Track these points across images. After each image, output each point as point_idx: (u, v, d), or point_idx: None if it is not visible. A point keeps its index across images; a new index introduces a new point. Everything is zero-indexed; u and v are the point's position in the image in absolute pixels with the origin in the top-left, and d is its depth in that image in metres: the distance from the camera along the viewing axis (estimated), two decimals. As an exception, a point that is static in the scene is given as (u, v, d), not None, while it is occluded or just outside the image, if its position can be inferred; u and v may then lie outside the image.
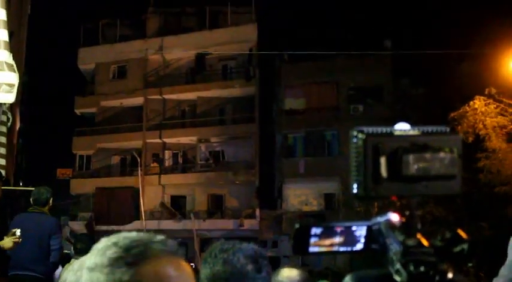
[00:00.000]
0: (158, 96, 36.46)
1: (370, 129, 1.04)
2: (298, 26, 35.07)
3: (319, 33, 32.60)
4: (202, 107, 36.10)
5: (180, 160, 36.65)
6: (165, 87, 36.04)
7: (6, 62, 5.16)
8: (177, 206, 35.27)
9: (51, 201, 6.48)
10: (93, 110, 38.22)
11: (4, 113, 8.90)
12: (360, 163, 1.03)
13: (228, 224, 33.41)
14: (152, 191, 34.95)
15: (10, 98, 5.23)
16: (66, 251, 9.10)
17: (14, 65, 5.20)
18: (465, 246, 1.04)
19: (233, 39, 34.45)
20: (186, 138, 35.47)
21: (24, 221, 6.25)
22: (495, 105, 19.97)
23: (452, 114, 20.76)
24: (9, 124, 9.42)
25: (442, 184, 1.04)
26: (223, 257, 1.83)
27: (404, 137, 1.04)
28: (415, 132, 1.05)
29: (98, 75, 38.56)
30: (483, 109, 19.94)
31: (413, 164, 1.00)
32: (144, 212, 33.02)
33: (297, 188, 32.17)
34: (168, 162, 36.78)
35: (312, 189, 31.88)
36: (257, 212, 33.14)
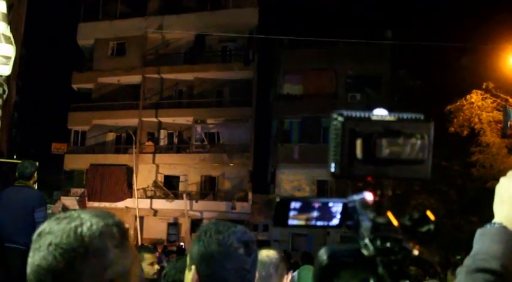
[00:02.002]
0: (156, 75, 36.38)
1: (349, 113, 1.09)
2: (299, 12, 34.96)
3: (320, 20, 32.52)
4: (200, 88, 36.04)
5: (175, 140, 36.65)
6: (163, 67, 35.94)
7: (3, 34, 5.16)
8: (170, 186, 35.33)
9: (35, 174, 6.52)
10: (90, 86, 38.13)
11: (0, 85, 8.89)
12: (337, 144, 1.08)
13: (220, 206, 33.53)
14: (146, 170, 35.01)
15: (6, 70, 5.23)
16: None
17: (12, 37, 5.19)
18: (432, 226, 1.11)
19: (234, 22, 34.30)
20: (182, 119, 35.45)
21: (9, 194, 6.32)
22: (492, 100, 20.01)
23: (448, 107, 20.80)
24: (4, 96, 9.41)
25: (413, 168, 1.10)
26: (218, 238, 1.90)
27: (380, 122, 1.09)
28: (391, 118, 1.11)
29: (97, 51, 38.41)
30: (480, 103, 19.99)
31: (385, 148, 1.06)
32: (137, 190, 33.12)
33: (291, 173, 32.26)
34: (163, 142, 36.78)
35: (305, 175, 31.95)
36: (249, 195, 33.24)
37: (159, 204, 34.40)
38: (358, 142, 1.07)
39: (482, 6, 25.25)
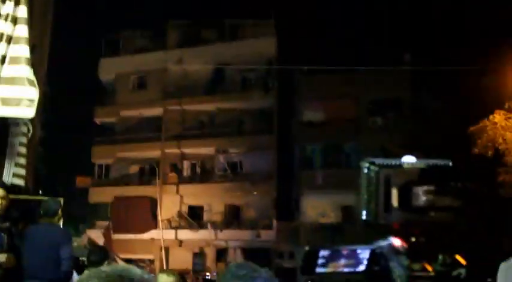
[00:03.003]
0: (177, 107, 36.67)
1: (381, 161, 1.11)
2: (317, 39, 35.10)
3: (339, 46, 32.58)
4: (221, 118, 36.20)
5: (198, 170, 36.75)
6: (184, 98, 36.23)
7: (27, 78, 5.28)
8: (194, 216, 35.34)
9: (60, 211, 6.61)
10: (113, 119, 38.59)
11: (25, 124, 9.06)
12: (371, 193, 1.10)
13: (245, 234, 33.40)
14: (170, 201, 35.10)
15: (30, 112, 5.34)
16: (82, 258, 9.21)
17: (35, 81, 5.32)
18: (463, 271, 1.10)
19: (252, 51, 34.58)
20: (204, 149, 35.60)
21: (34, 232, 6.40)
22: (515, 120, 19.79)
23: (472, 128, 20.61)
24: (29, 135, 9.58)
25: (446, 214, 1.10)
26: None
27: (413, 171, 1.10)
28: (421, 165, 1.12)
29: (118, 86, 38.95)
30: (503, 123, 19.76)
31: (422, 197, 1.06)
32: (162, 221, 33.17)
33: (315, 199, 32.05)
34: (186, 172, 36.90)
35: (329, 200, 31.75)
36: (274, 223, 33.09)
37: (184, 234, 34.39)
38: (394, 191, 1.08)
39: (503, 27, 25.13)
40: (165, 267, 31.26)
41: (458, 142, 22.37)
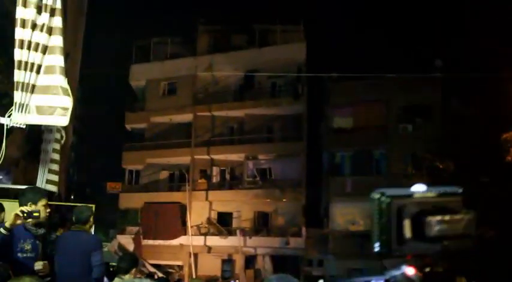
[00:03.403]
0: (207, 113, 36.81)
1: (392, 192, 1.12)
2: (347, 45, 35.02)
3: (369, 52, 32.44)
4: (250, 124, 36.24)
5: (228, 177, 36.81)
6: (213, 104, 36.37)
7: (61, 87, 5.37)
8: (223, 222, 35.38)
9: (91, 219, 6.67)
10: (143, 125, 38.89)
11: (58, 130, 9.21)
12: (383, 224, 1.12)
13: (274, 241, 33.32)
14: (199, 207, 35.21)
15: (64, 121, 5.43)
16: (112, 264, 9.30)
17: (69, 89, 5.40)
18: None
19: (282, 57, 34.62)
20: (233, 155, 35.66)
21: (66, 239, 6.48)
22: (548, 127, 19.52)
23: (504, 136, 20.38)
24: (62, 141, 9.73)
25: (460, 242, 1.15)
26: None
27: (424, 200, 1.14)
28: (432, 194, 1.15)
29: (149, 92, 39.28)
30: (536, 131, 19.52)
31: (435, 226, 1.10)
32: (191, 227, 33.32)
33: (344, 207, 31.80)
34: (215, 179, 36.99)
35: (358, 208, 31.44)
36: (303, 230, 32.98)
37: (213, 241, 34.45)
38: (406, 222, 1.09)
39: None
40: (193, 273, 31.40)
41: (491, 149, 22.11)
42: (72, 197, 29.76)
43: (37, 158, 9.62)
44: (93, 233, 7.75)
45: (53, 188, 8.96)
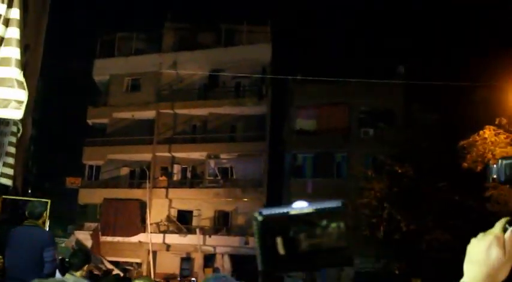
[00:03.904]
0: (170, 111, 36.66)
1: (268, 211, 1.17)
2: (312, 47, 35.26)
3: (333, 55, 32.73)
4: (214, 123, 36.23)
5: (189, 175, 36.72)
6: (177, 102, 36.23)
7: (16, 79, 5.30)
8: (183, 221, 35.29)
9: (45, 214, 6.66)
10: (105, 121, 38.51)
11: (15, 123, 9.07)
12: (261, 243, 1.15)
13: (234, 241, 33.37)
14: (159, 205, 35.06)
15: (18, 114, 5.35)
16: (67, 259, 9.21)
17: (24, 83, 5.33)
18: None
19: (247, 58, 34.71)
20: (195, 154, 35.59)
21: (18, 234, 6.42)
22: (505, 136, 20.00)
23: (461, 143, 20.81)
24: (19, 135, 9.58)
25: (336, 255, 1.15)
26: None
27: (297, 217, 1.15)
28: (308, 210, 1.17)
29: (112, 87, 38.92)
30: (493, 139, 19.97)
31: (304, 241, 1.11)
32: (151, 225, 33.14)
33: (304, 208, 31.94)
34: (176, 177, 36.87)
35: (319, 210, 31.69)
36: (263, 230, 33.07)
37: (172, 239, 34.34)
38: (279, 240, 1.13)
39: (496, 43, 25.33)
40: (152, 271, 31.24)
41: (448, 156, 22.55)
42: (29, 191, 29.35)
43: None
44: (47, 228, 7.68)
45: (8, 182, 8.82)
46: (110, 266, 30.04)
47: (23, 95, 5.28)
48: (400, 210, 24.59)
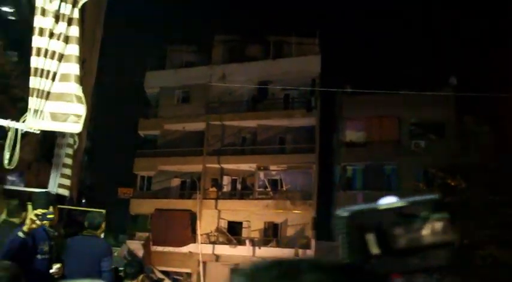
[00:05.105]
0: (219, 122, 36.93)
1: (354, 208, 1.03)
2: (362, 58, 35.07)
3: (383, 66, 32.46)
4: (263, 134, 36.30)
5: (239, 186, 36.85)
6: (226, 114, 36.50)
7: (75, 95, 5.51)
8: (233, 232, 35.38)
9: (103, 225, 6.86)
10: (156, 132, 39.08)
11: (71, 136, 9.35)
12: (348, 243, 1.02)
13: (283, 252, 33.25)
14: (209, 216, 35.26)
15: (77, 128, 5.55)
16: (121, 268, 9.43)
17: (83, 97, 5.54)
18: None
19: (296, 70, 34.78)
20: (245, 165, 35.71)
21: (77, 243, 6.64)
22: None
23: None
24: (75, 146, 9.88)
25: (438, 253, 0.99)
26: None
27: (389, 210, 1.02)
28: (402, 203, 1.03)
29: (163, 99, 39.50)
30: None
31: (401, 237, 0.97)
32: (201, 235, 33.38)
33: (354, 221, 31.58)
34: (226, 188, 37.04)
35: (369, 222, 31.32)
36: (312, 242, 32.93)
37: (222, 249, 34.45)
38: (370, 237, 0.99)
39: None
40: (202, 281, 31.44)
41: (501, 167, 22.04)
42: (83, 201, 29.97)
43: (49, 162, 9.77)
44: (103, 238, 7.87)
45: (65, 192, 9.11)
46: (160, 276, 30.39)
47: (81, 109, 5.49)
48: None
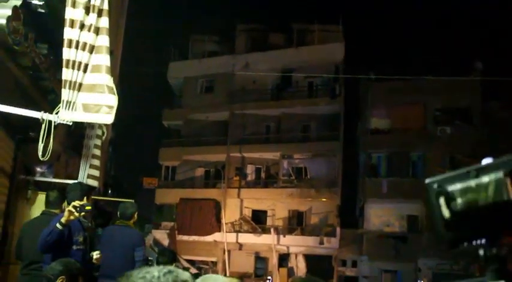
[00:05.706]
0: (243, 111, 36.90)
1: (447, 175, 0.98)
2: (385, 45, 34.76)
3: (408, 52, 32.14)
4: (287, 123, 36.24)
5: (263, 175, 36.86)
6: (250, 103, 36.48)
7: (107, 85, 5.52)
8: (257, 220, 35.47)
9: (135, 215, 6.91)
10: (180, 122, 39.21)
11: (100, 127, 9.41)
12: (431, 210, 0.98)
13: (308, 241, 33.29)
14: (234, 204, 35.38)
15: (109, 119, 5.58)
16: (150, 258, 9.52)
17: (114, 88, 5.55)
18: None
19: (319, 57, 34.60)
20: (269, 154, 35.69)
21: (111, 233, 6.72)
22: None
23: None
24: (103, 138, 9.94)
25: (497, 214, 0.91)
26: None
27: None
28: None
29: (186, 89, 39.60)
30: None
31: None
32: (225, 224, 33.52)
33: (379, 208, 31.56)
34: (250, 177, 37.08)
35: (394, 210, 31.23)
36: (338, 230, 32.87)
37: (247, 238, 34.56)
38: (441, 200, 0.95)
39: None
40: (227, 269, 31.61)
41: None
42: (109, 191, 30.20)
43: (78, 153, 9.84)
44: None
45: (94, 183, 9.18)
46: (186, 265, 30.59)
47: (113, 100, 5.50)
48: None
